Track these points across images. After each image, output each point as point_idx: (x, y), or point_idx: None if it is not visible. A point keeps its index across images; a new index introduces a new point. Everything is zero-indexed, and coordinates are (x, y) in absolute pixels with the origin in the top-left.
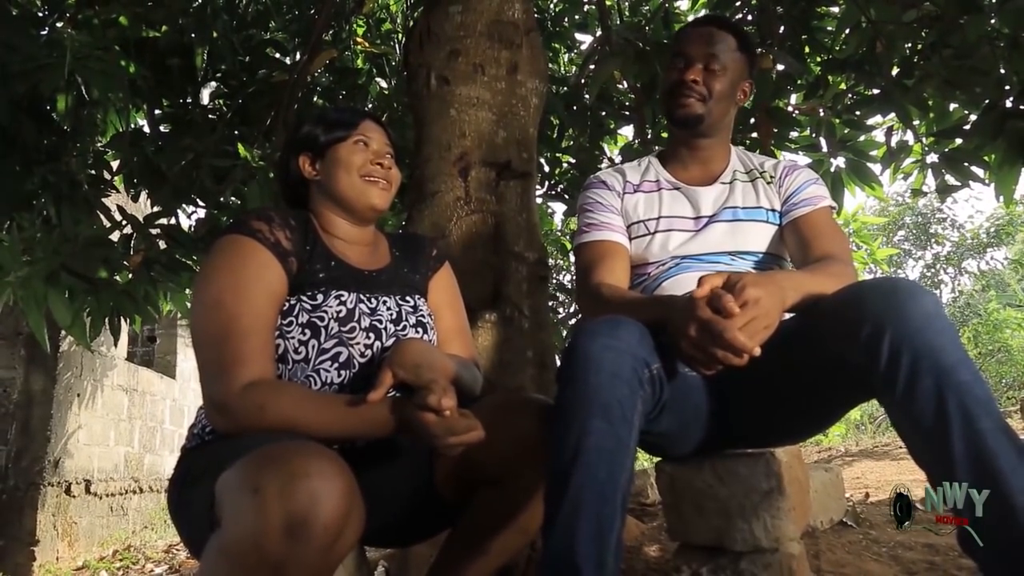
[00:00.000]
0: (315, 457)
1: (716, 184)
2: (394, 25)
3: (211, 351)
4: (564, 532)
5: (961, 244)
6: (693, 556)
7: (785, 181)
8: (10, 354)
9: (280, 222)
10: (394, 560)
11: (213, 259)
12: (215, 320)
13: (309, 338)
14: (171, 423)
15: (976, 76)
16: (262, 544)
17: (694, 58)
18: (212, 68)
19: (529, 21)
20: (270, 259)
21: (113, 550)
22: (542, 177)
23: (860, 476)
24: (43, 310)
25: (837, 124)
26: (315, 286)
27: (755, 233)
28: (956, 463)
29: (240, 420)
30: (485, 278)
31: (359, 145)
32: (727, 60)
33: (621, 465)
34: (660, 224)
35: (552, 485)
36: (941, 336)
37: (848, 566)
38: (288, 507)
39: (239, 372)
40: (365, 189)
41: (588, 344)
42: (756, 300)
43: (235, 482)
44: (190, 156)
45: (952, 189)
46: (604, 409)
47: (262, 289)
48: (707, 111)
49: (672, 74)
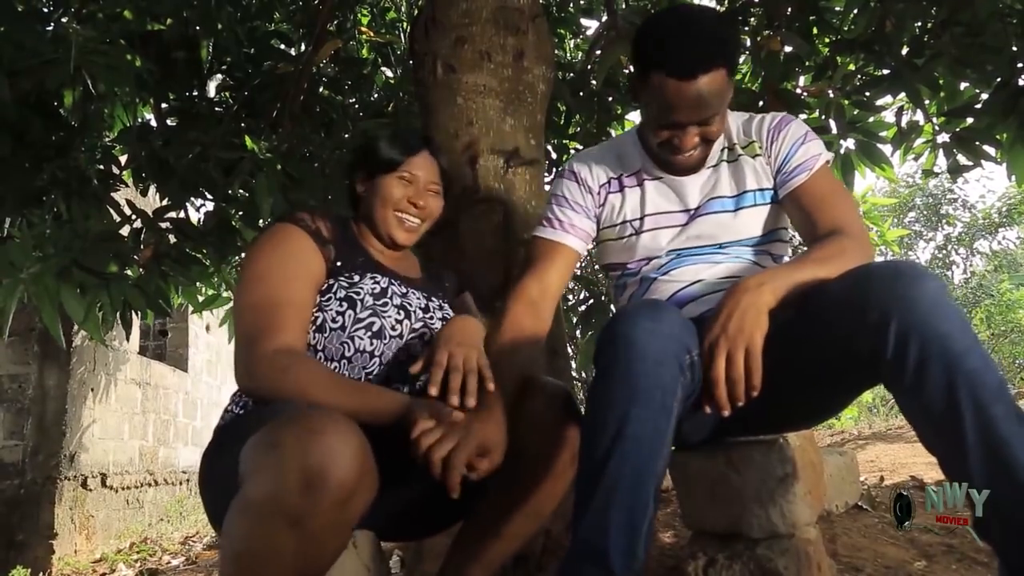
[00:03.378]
0: (331, 418)
1: (702, 171)
2: (399, 14)
3: (250, 319)
4: (596, 520)
5: (973, 224)
6: (708, 543)
7: (773, 148)
8: (24, 350)
9: (322, 216)
10: (409, 551)
11: (258, 243)
12: (255, 292)
13: (346, 309)
14: (184, 416)
15: (987, 54)
16: (280, 497)
17: (689, 119)
18: (217, 60)
19: (535, 7)
20: (310, 244)
21: (130, 542)
22: (549, 164)
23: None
24: (56, 306)
25: (846, 105)
26: (352, 269)
27: (745, 220)
28: (968, 452)
29: (262, 380)
30: (495, 266)
31: (402, 182)
32: (719, 101)
33: (658, 454)
34: (645, 223)
35: (586, 471)
36: (948, 322)
37: (865, 550)
38: (305, 461)
39: (272, 337)
40: (395, 225)
41: (630, 329)
42: (712, 348)
43: (255, 443)
44: (197, 149)
45: (964, 169)
46: (646, 396)
47: (301, 268)
48: (707, 151)
49: (664, 130)
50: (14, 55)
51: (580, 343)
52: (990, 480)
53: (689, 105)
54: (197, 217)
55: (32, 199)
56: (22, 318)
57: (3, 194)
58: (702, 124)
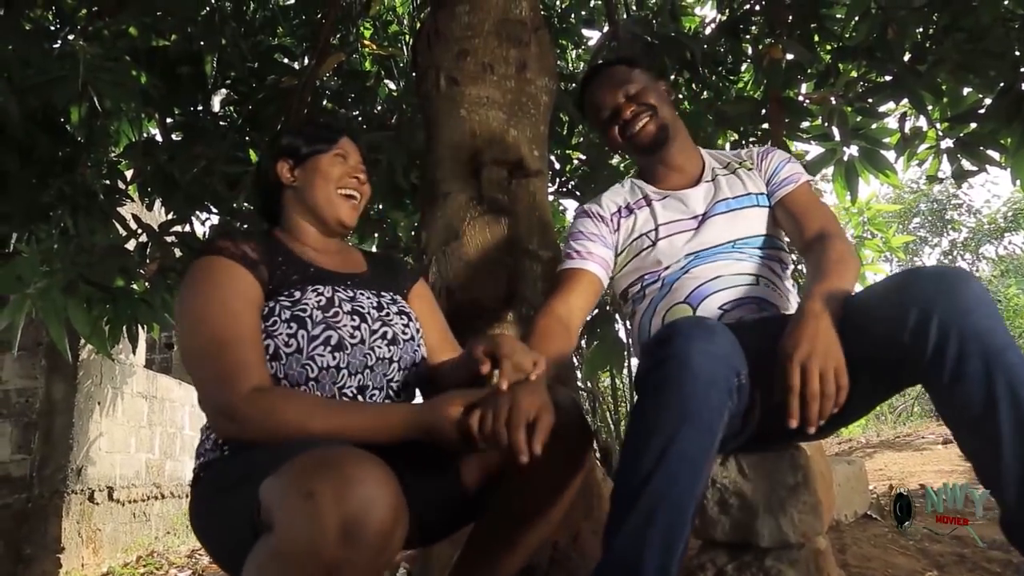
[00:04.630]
0: (366, 462)
1: (701, 184)
2: (401, 27)
3: (208, 363)
4: (633, 537)
5: (978, 229)
6: (717, 553)
7: (763, 164)
8: (31, 364)
9: (243, 237)
10: (416, 561)
11: (188, 283)
12: (204, 334)
13: (296, 330)
14: (190, 429)
15: (990, 59)
16: (318, 548)
17: (615, 98)
18: (222, 75)
19: (536, 19)
20: (240, 270)
21: (137, 556)
22: (553, 174)
23: (883, 468)
24: (63, 320)
25: (849, 112)
26: (291, 286)
27: (751, 219)
28: (1004, 444)
29: (250, 425)
30: (500, 277)
31: (338, 159)
32: (635, 79)
33: (700, 475)
34: (660, 232)
35: (625, 488)
36: (989, 319)
37: (875, 560)
38: (344, 511)
39: (242, 378)
40: (339, 203)
41: (685, 348)
42: (805, 365)
43: (285, 487)
44: (202, 163)
45: (968, 174)
46: (696, 417)
47: (240, 298)
48: (662, 119)
49: (611, 124)
50: (22, 73)
51: (585, 353)
52: (1019, 475)
53: (601, 86)
54: (202, 231)
55: (39, 214)
56: (29, 332)
57: (10, 209)
58: (629, 96)
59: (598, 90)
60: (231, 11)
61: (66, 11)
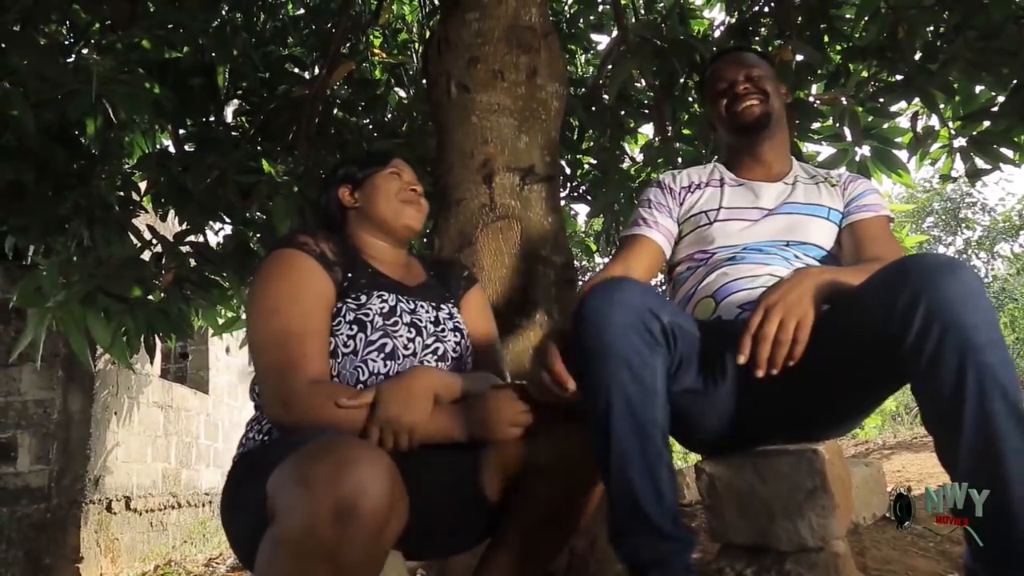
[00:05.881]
0: (360, 447)
1: (779, 183)
2: (410, 35)
3: (274, 353)
4: (619, 478)
5: (993, 228)
6: (736, 557)
7: (849, 186)
8: (48, 375)
9: (323, 237)
10: (432, 570)
11: (265, 271)
12: (274, 325)
13: (356, 332)
14: (206, 438)
15: (1003, 56)
16: (315, 530)
17: (736, 74)
18: (234, 86)
19: (546, 24)
20: (317, 268)
21: (154, 565)
22: (564, 179)
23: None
24: (83, 332)
25: (860, 112)
26: (359, 289)
27: (814, 227)
28: (963, 438)
29: (307, 413)
30: (513, 283)
31: (393, 175)
32: (761, 66)
33: (653, 406)
34: (720, 214)
35: (596, 438)
36: (975, 314)
37: (895, 563)
38: (337, 493)
39: (304, 368)
40: (402, 209)
41: (593, 303)
42: (769, 310)
43: (285, 476)
44: (215, 173)
45: (982, 173)
46: (624, 360)
47: (313, 294)
48: (769, 107)
49: (722, 97)
50: (38, 87)
51: None
52: (975, 468)
53: (729, 63)
54: (216, 241)
55: (55, 227)
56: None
57: (28, 222)
58: (749, 77)
59: (724, 65)
60: (242, 22)
61: (79, 25)
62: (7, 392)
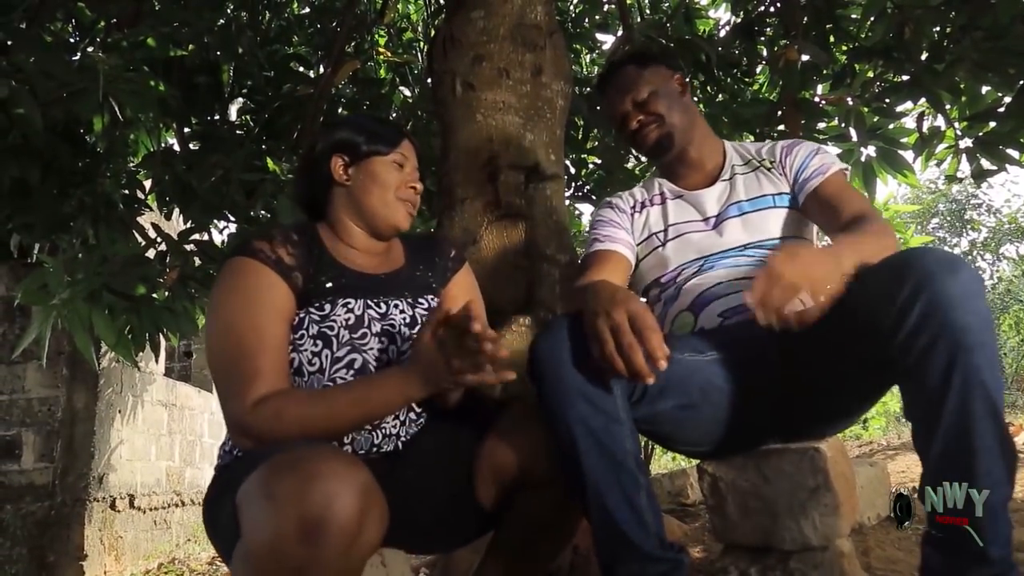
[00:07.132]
0: (327, 459)
1: (717, 184)
2: (415, 33)
3: (225, 373)
4: (598, 509)
5: (998, 229)
6: (740, 557)
7: (787, 161)
8: (53, 373)
9: (282, 239)
10: (435, 567)
11: (220, 284)
12: (226, 343)
13: (321, 348)
14: (210, 436)
15: (1009, 57)
16: (279, 549)
17: (622, 105)
18: (238, 84)
19: (551, 23)
20: (273, 277)
21: (158, 563)
22: (568, 178)
23: (904, 470)
24: (88, 330)
25: (866, 113)
26: (321, 296)
27: (767, 221)
28: (939, 433)
29: (259, 434)
30: (517, 282)
31: (395, 166)
32: (644, 84)
33: (618, 434)
34: (670, 232)
35: (568, 474)
36: (970, 316)
37: (900, 563)
38: (301, 510)
39: (251, 389)
40: (396, 208)
41: (544, 340)
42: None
43: (251, 491)
44: (220, 172)
45: (988, 173)
46: (580, 393)
47: (268, 307)
48: (667, 126)
49: (619, 131)
50: (44, 85)
51: None
52: (948, 460)
53: (614, 89)
54: (221, 239)
55: (60, 225)
56: (51, 342)
57: (33, 220)
58: (637, 102)
59: (610, 96)
60: (247, 21)
61: (85, 23)
62: (12, 390)
